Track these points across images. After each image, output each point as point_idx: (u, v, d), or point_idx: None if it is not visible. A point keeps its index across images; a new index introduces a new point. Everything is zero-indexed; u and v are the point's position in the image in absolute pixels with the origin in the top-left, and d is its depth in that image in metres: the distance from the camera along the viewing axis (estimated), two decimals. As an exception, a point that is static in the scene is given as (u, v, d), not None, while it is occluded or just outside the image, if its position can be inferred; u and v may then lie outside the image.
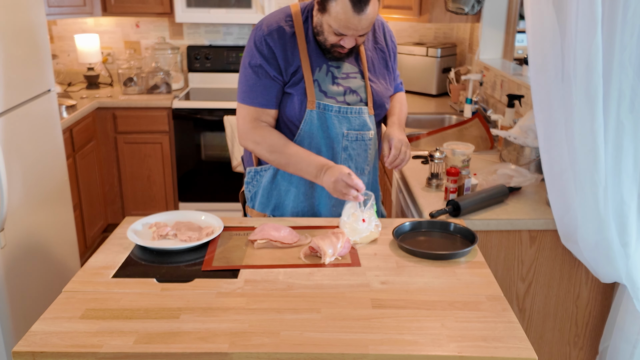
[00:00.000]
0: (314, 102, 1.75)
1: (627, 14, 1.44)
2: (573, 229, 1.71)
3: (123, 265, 1.47)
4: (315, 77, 1.76)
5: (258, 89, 1.76)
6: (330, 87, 1.77)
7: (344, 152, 1.81)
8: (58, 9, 3.52)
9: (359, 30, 1.65)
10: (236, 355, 1.13)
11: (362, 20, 1.61)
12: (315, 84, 1.76)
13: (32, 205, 2.51)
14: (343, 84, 1.79)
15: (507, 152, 2.30)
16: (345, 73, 1.80)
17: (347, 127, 1.79)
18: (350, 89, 1.80)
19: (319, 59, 1.77)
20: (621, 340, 1.78)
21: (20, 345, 1.15)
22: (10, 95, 2.36)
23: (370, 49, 1.86)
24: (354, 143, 1.81)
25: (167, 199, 3.92)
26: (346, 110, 1.78)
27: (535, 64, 1.75)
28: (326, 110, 1.76)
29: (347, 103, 1.79)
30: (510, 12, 3.46)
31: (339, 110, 1.77)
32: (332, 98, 1.78)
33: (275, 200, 1.87)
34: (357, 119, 1.80)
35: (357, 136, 1.81)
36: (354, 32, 1.65)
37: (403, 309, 1.27)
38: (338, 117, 1.78)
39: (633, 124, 1.52)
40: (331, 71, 1.78)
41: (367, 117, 1.82)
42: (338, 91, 1.78)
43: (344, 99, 1.79)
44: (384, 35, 1.91)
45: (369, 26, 1.65)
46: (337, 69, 1.79)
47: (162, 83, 3.94)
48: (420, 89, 3.95)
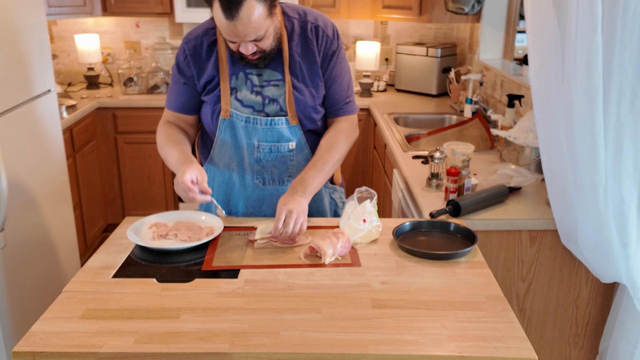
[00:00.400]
0: (228, 110, 1.71)
1: (627, 14, 1.44)
2: (573, 229, 1.71)
3: (123, 265, 1.47)
4: (233, 85, 1.72)
5: (172, 93, 1.79)
6: (247, 96, 1.71)
7: (257, 164, 1.76)
8: (58, 9, 3.52)
9: (242, 37, 1.53)
10: (236, 355, 1.13)
11: (238, 25, 1.50)
12: (232, 92, 1.72)
13: (32, 205, 2.51)
14: (262, 92, 1.72)
15: (507, 152, 2.30)
16: (267, 80, 1.72)
17: (258, 139, 1.73)
18: (269, 98, 1.72)
19: (237, 67, 1.71)
20: (621, 340, 1.78)
21: (20, 345, 1.15)
22: (10, 95, 2.36)
23: (299, 54, 1.72)
24: (269, 155, 1.75)
25: (167, 199, 3.92)
26: (256, 121, 1.71)
27: (535, 64, 1.75)
28: (237, 120, 1.72)
29: (267, 113, 1.72)
30: (510, 12, 3.47)
31: (247, 120, 1.71)
32: (249, 107, 1.72)
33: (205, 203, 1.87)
34: (269, 130, 1.72)
35: (272, 148, 1.74)
36: (238, 39, 1.55)
37: (403, 309, 1.27)
38: (247, 128, 1.72)
39: (633, 124, 1.52)
40: (250, 79, 1.71)
41: (284, 128, 1.72)
42: (256, 101, 1.72)
43: (262, 109, 1.72)
44: (315, 39, 1.73)
45: (254, 31, 1.53)
46: (258, 76, 1.72)
47: (162, 83, 3.94)
48: (420, 89, 3.95)
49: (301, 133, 1.76)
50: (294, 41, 1.72)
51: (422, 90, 3.93)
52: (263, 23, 1.54)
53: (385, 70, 4.31)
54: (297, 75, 1.73)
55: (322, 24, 1.74)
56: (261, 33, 1.56)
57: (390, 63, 4.33)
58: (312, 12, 1.78)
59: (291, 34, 1.72)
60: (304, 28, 1.73)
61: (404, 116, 3.39)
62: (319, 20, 1.75)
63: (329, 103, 1.80)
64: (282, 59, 1.71)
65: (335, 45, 1.75)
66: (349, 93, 1.82)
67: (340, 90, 1.79)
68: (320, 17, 1.77)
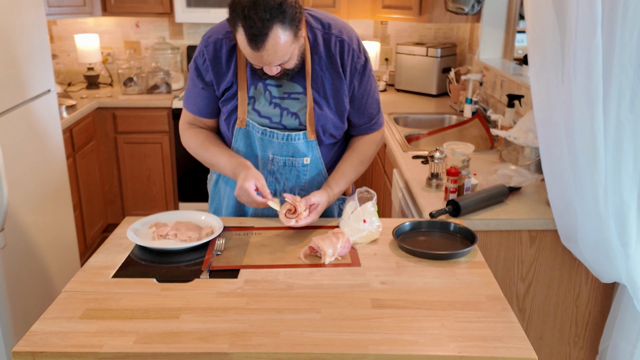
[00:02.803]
0: (244, 119, 1.68)
1: (627, 14, 1.44)
2: (573, 229, 1.71)
3: (123, 265, 1.47)
4: (252, 94, 1.67)
5: (192, 96, 1.75)
6: (265, 107, 1.67)
7: (270, 176, 1.74)
8: (58, 9, 3.52)
9: (268, 63, 1.50)
10: (236, 355, 1.13)
11: (264, 55, 1.46)
12: (250, 102, 1.68)
13: (32, 205, 2.51)
14: (281, 104, 1.67)
15: (507, 152, 2.30)
16: (287, 92, 1.67)
17: (273, 152, 1.70)
18: (288, 111, 1.67)
19: (257, 76, 1.65)
20: (621, 340, 1.78)
21: (20, 345, 1.15)
22: (10, 95, 2.36)
23: (322, 68, 1.66)
24: (283, 168, 1.72)
25: (167, 199, 3.92)
26: (272, 134, 1.68)
27: (535, 64, 1.75)
28: (254, 130, 1.69)
29: (284, 126, 1.68)
30: (510, 12, 3.47)
31: (263, 132, 1.68)
32: (267, 118, 1.68)
33: (215, 204, 1.88)
34: (285, 145, 1.69)
35: (286, 162, 1.71)
36: (265, 64, 1.51)
37: (403, 309, 1.27)
38: (263, 140, 1.69)
39: (633, 124, 1.52)
40: (269, 90, 1.67)
41: (301, 144, 1.69)
42: (274, 113, 1.67)
43: (279, 121, 1.68)
44: (339, 55, 1.65)
45: (280, 58, 1.49)
46: (278, 87, 1.67)
47: (162, 83, 3.94)
48: (420, 89, 3.95)
49: (317, 148, 1.72)
50: (317, 54, 1.65)
51: (422, 90, 3.93)
52: (289, 49, 1.50)
53: (385, 70, 4.31)
54: (318, 90, 1.67)
55: (346, 37, 1.67)
56: (286, 58, 1.52)
57: (390, 63, 4.33)
58: (337, 22, 1.69)
59: (314, 45, 1.65)
60: (328, 41, 1.65)
61: (404, 116, 3.39)
62: (343, 34, 1.67)
63: (360, 121, 1.76)
64: (304, 72, 1.65)
65: (362, 59, 1.69)
66: (378, 108, 1.79)
67: (371, 108, 1.76)
68: (345, 29, 1.69)
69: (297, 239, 1.61)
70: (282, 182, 1.75)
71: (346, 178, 1.74)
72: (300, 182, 1.75)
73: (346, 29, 1.70)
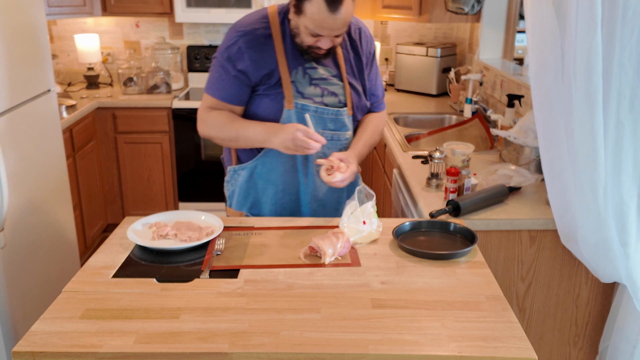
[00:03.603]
0: (292, 101, 1.76)
1: (627, 14, 1.44)
2: (573, 229, 1.71)
3: (123, 265, 1.47)
4: (292, 79, 1.77)
5: (221, 83, 1.79)
6: (307, 89, 1.78)
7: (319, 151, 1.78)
8: (58, 9, 3.52)
9: (335, 31, 1.65)
10: (236, 355, 1.13)
11: (337, 20, 1.61)
12: (292, 85, 1.76)
13: (32, 205, 2.51)
14: (321, 85, 1.80)
15: (507, 152, 2.30)
16: (324, 75, 1.81)
17: (323, 127, 1.80)
18: (328, 91, 1.81)
19: (296, 61, 1.77)
20: (621, 340, 1.78)
21: (20, 345, 1.15)
22: (10, 95, 2.36)
23: (348, 50, 1.85)
24: (330, 142, 1.81)
25: (167, 199, 3.92)
26: (323, 111, 1.79)
27: (535, 64, 1.75)
28: (304, 110, 1.77)
29: (325, 104, 1.80)
30: (510, 12, 3.47)
31: (315, 110, 1.78)
32: (309, 99, 1.79)
33: (252, 199, 1.89)
34: (333, 120, 1.81)
35: (333, 136, 1.82)
36: (330, 32, 1.65)
37: (403, 309, 1.27)
38: (315, 118, 1.78)
39: (633, 124, 1.52)
40: (308, 73, 1.79)
41: (345, 118, 1.83)
42: (315, 92, 1.79)
43: (321, 100, 1.80)
44: (359, 40, 1.87)
45: (344, 26, 1.66)
46: (314, 70, 1.79)
47: (162, 83, 3.94)
48: (420, 89, 3.95)
49: (353, 124, 1.88)
50: (343, 40, 1.82)
51: (422, 90, 3.93)
52: (350, 19, 1.68)
53: (385, 70, 4.31)
54: (349, 72, 1.85)
55: (362, 25, 1.90)
56: (346, 28, 1.69)
57: (390, 63, 4.33)
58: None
59: None
60: (349, 28, 1.84)
61: (404, 116, 3.39)
62: (359, 23, 1.90)
63: (372, 99, 1.96)
64: (336, 56, 1.82)
65: (373, 46, 1.93)
66: (383, 91, 2.04)
67: (379, 89, 2.00)
68: (359, 20, 1.91)
69: (297, 239, 1.61)
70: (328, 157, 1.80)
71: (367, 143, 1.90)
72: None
73: (358, 19, 1.93)
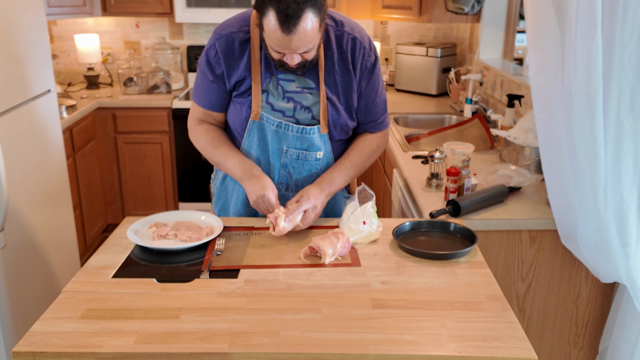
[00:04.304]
0: (259, 113, 1.68)
1: (627, 14, 1.44)
2: (573, 229, 1.71)
3: (123, 265, 1.47)
4: (265, 88, 1.68)
5: (201, 89, 1.75)
6: (278, 101, 1.69)
7: (282, 169, 1.75)
8: (58, 9, 3.52)
9: (295, 50, 1.51)
10: (236, 355, 1.13)
11: (293, 40, 1.47)
12: (263, 95, 1.69)
13: (32, 205, 2.51)
14: (295, 98, 1.69)
15: (507, 152, 2.30)
16: (300, 87, 1.69)
17: (287, 145, 1.71)
18: (301, 105, 1.69)
19: (270, 70, 1.67)
20: (621, 340, 1.78)
21: (20, 345, 1.15)
22: (10, 95, 2.36)
23: (334, 64, 1.68)
24: (295, 161, 1.73)
25: (167, 199, 3.92)
26: (287, 127, 1.69)
27: (535, 64, 1.75)
28: (267, 124, 1.69)
29: (297, 120, 1.70)
30: (510, 12, 3.47)
31: (279, 125, 1.69)
32: (280, 112, 1.69)
33: (222, 202, 1.88)
34: (300, 138, 1.70)
35: (299, 155, 1.72)
36: (290, 51, 1.52)
37: (403, 309, 1.27)
38: (278, 133, 1.70)
39: (633, 124, 1.52)
40: (281, 85, 1.68)
41: (316, 137, 1.71)
42: (287, 107, 1.69)
43: (292, 115, 1.70)
44: (350, 52, 1.68)
45: (307, 44, 1.51)
46: (290, 82, 1.68)
47: (162, 83, 3.94)
48: (420, 89, 3.95)
49: (329, 143, 1.74)
50: (330, 50, 1.67)
51: (422, 90, 3.93)
52: (315, 36, 1.52)
53: (385, 70, 4.31)
54: (330, 86, 1.69)
55: (358, 35, 1.69)
56: (311, 46, 1.53)
57: (390, 63, 4.33)
58: (349, 21, 1.72)
59: (327, 42, 1.67)
60: (340, 38, 1.68)
61: (404, 116, 3.39)
62: (355, 32, 1.69)
63: (367, 119, 1.78)
64: (317, 67, 1.67)
65: (372, 57, 1.71)
66: (385, 108, 1.81)
67: (379, 107, 1.78)
68: (357, 27, 1.72)
69: (297, 239, 1.61)
70: (294, 176, 1.76)
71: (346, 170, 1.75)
72: (311, 176, 1.76)
73: (357, 27, 1.72)
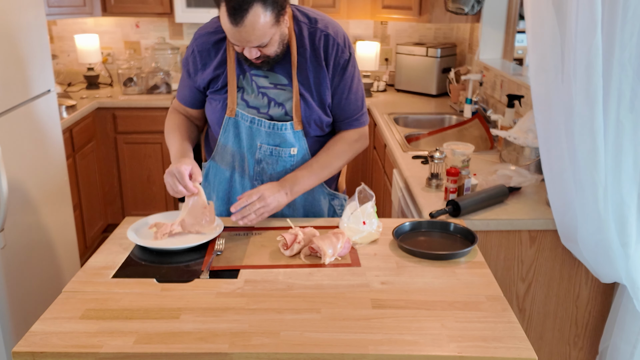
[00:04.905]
0: (234, 109, 1.71)
1: (627, 14, 1.44)
2: (573, 229, 1.71)
3: (123, 265, 1.47)
4: (240, 85, 1.71)
5: (181, 84, 1.84)
6: (252, 97, 1.71)
7: (257, 165, 1.77)
8: (58, 9, 3.52)
9: (245, 42, 1.53)
10: (236, 355, 1.13)
11: (242, 32, 1.49)
12: (239, 92, 1.71)
13: (32, 205, 2.51)
14: (268, 94, 1.71)
15: (507, 152, 2.30)
16: (273, 83, 1.71)
17: (261, 141, 1.73)
18: (275, 102, 1.71)
19: (244, 67, 1.70)
20: (621, 340, 1.78)
21: (20, 345, 1.15)
22: (10, 95, 2.36)
23: (307, 60, 1.69)
24: (269, 157, 1.75)
25: (167, 199, 3.92)
26: (260, 123, 1.71)
27: (535, 64, 1.75)
28: (242, 120, 1.72)
29: (270, 116, 1.71)
30: (510, 12, 3.47)
31: (252, 121, 1.71)
32: (254, 109, 1.71)
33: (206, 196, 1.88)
34: (272, 134, 1.72)
35: (272, 151, 1.73)
36: (242, 44, 1.54)
37: (403, 309, 1.27)
38: (251, 129, 1.72)
39: (633, 124, 1.52)
40: (255, 80, 1.71)
41: (288, 133, 1.71)
42: (262, 102, 1.71)
43: (267, 111, 1.71)
44: (322, 48, 1.69)
45: (258, 38, 1.52)
46: (264, 78, 1.71)
47: (162, 83, 3.94)
48: (420, 89, 3.95)
49: (304, 139, 1.75)
50: (302, 47, 1.69)
51: (422, 91, 3.93)
52: (268, 31, 1.52)
53: (385, 70, 4.31)
54: (303, 82, 1.70)
55: (332, 32, 1.70)
56: (265, 40, 1.54)
57: (390, 63, 4.33)
58: (323, 18, 1.73)
59: (300, 39, 1.69)
60: (313, 35, 1.69)
61: (404, 116, 3.39)
62: (329, 28, 1.70)
63: (341, 116, 1.77)
64: (290, 64, 1.69)
65: (346, 54, 1.71)
66: (361, 105, 1.79)
67: (353, 104, 1.77)
68: (331, 24, 1.72)
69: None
70: (268, 172, 1.77)
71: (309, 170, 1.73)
72: (286, 172, 1.76)
73: (332, 24, 1.73)
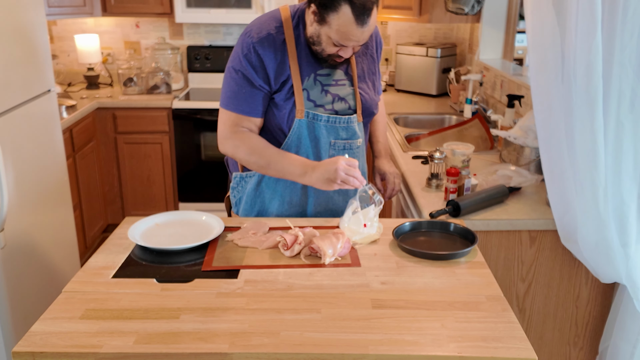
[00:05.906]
0: (303, 111, 1.73)
1: (627, 14, 1.44)
2: (573, 229, 1.71)
3: (123, 265, 1.47)
4: (305, 86, 1.73)
5: (242, 96, 1.73)
6: (319, 96, 1.75)
7: None
8: (58, 9, 3.52)
9: (360, 41, 1.65)
10: (236, 355, 1.13)
11: (365, 32, 1.61)
12: (304, 93, 1.73)
13: (32, 205, 2.51)
14: (332, 91, 1.77)
15: (507, 152, 2.30)
16: (335, 80, 1.78)
17: (335, 137, 1.78)
18: (338, 97, 1.78)
19: (309, 67, 1.74)
20: (621, 341, 1.78)
21: (20, 345, 1.15)
22: (10, 95, 2.36)
23: (360, 55, 1.84)
24: (342, 152, 1.80)
25: (167, 199, 3.92)
26: (335, 120, 1.76)
27: (535, 64, 1.75)
28: (315, 120, 1.74)
29: (336, 111, 1.77)
30: (510, 12, 3.47)
31: (327, 119, 1.75)
32: (321, 107, 1.76)
33: (258, 208, 1.86)
34: (345, 129, 1.79)
35: (345, 145, 1.80)
36: (355, 43, 1.65)
37: (403, 309, 1.27)
38: (327, 127, 1.76)
39: (633, 124, 1.52)
40: (319, 80, 1.76)
41: (356, 126, 1.81)
42: (327, 100, 1.76)
43: (332, 107, 1.77)
44: (375, 40, 1.90)
45: (369, 37, 1.67)
46: (326, 76, 1.77)
47: (162, 83, 3.94)
48: (420, 89, 3.95)
49: (364, 129, 1.88)
50: None
51: (422, 91, 3.93)
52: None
53: (385, 70, 4.31)
54: (359, 74, 1.83)
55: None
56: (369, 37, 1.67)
57: (390, 63, 4.33)
58: None
59: None
60: None
61: (404, 116, 3.39)
62: None
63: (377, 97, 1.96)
64: (349, 60, 1.80)
65: (382, 42, 1.96)
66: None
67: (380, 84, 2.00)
68: None
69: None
70: None
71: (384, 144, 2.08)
72: None
73: None
